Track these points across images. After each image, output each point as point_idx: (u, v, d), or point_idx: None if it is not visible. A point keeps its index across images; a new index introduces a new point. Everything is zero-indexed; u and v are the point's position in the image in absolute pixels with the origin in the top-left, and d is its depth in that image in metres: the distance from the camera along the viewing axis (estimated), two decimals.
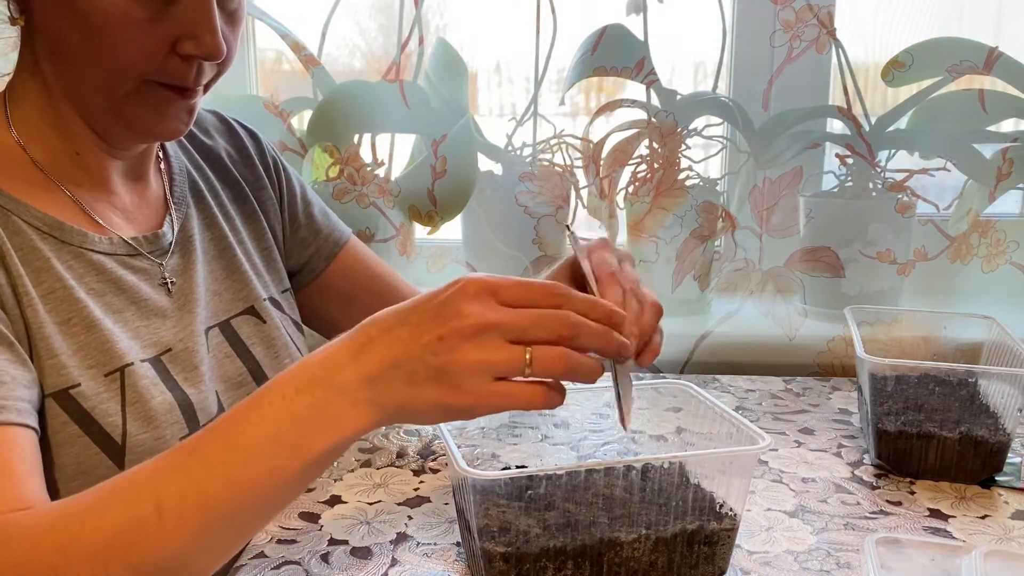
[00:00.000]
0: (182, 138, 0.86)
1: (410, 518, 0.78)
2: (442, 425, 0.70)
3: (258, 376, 0.81)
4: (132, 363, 0.70)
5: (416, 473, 0.88)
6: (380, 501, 0.81)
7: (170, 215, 0.80)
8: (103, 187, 0.76)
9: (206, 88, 0.73)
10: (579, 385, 0.58)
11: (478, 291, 0.53)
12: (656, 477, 0.68)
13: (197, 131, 0.89)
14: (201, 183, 0.86)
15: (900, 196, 1.19)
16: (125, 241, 0.75)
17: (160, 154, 0.83)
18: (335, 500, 0.81)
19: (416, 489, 0.84)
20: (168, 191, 0.82)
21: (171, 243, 0.79)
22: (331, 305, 0.97)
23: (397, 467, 0.89)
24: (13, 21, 0.70)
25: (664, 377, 1.21)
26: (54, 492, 0.65)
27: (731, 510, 0.68)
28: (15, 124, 0.71)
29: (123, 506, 0.53)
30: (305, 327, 0.94)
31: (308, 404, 0.53)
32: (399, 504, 0.81)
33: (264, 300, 0.86)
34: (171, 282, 0.77)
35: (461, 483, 0.66)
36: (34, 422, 0.62)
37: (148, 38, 0.66)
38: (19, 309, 0.65)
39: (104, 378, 0.68)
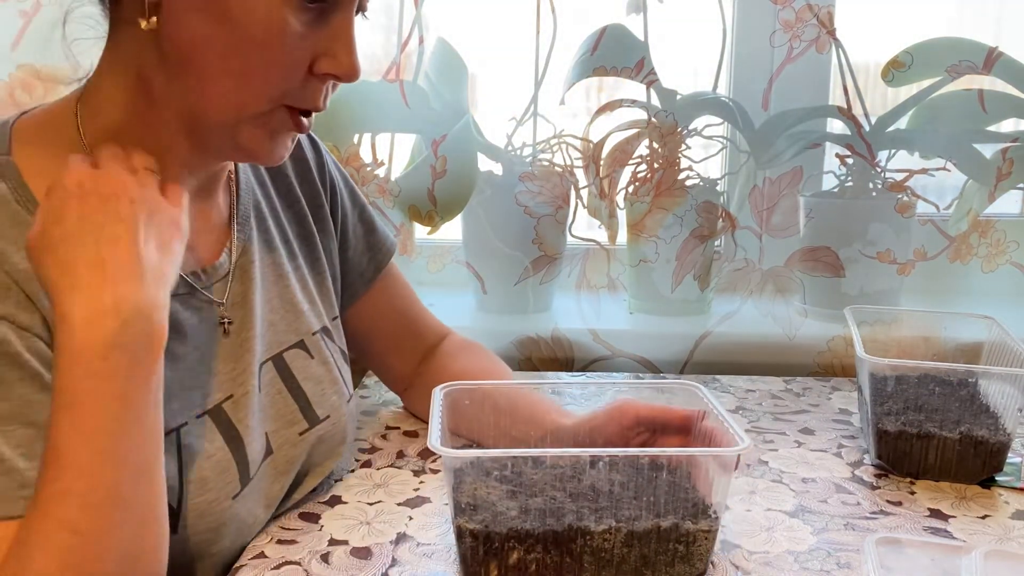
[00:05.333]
0: None
1: (410, 518, 0.78)
2: (434, 404, 0.73)
3: (308, 413, 0.78)
4: (187, 422, 0.67)
5: (416, 473, 0.87)
6: (380, 501, 0.81)
7: (231, 239, 0.76)
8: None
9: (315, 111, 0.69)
10: (580, 385, 0.58)
11: None
12: (631, 472, 0.68)
13: None
14: (263, 202, 0.82)
15: (900, 196, 1.19)
16: (185, 279, 0.70)
17: (230, 168, 0.79)
18: (335, 500, 0.81)
19: (416, 489, 0.84)
20: (234, 210, 0.77)
21: (229, 272, 0.75)
22: (358, 333, 0.94)
23: (397, 467, 0.89)
24: (142, 23, 0.61)
25: (665, 377, 1.21)
26: None
27: (712, 512, 0.68)
28: (87, 136, 0.66)
29: (45, 551, 0.55)
30: None
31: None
32: (399, 504, 0.81)
33: (315, 333, 0.82)
34: (228, 322, 0.73)
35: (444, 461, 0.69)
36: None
37: (296, 54, 0.63)
38: None
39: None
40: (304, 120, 0.67)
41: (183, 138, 0.67)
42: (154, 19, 0.62)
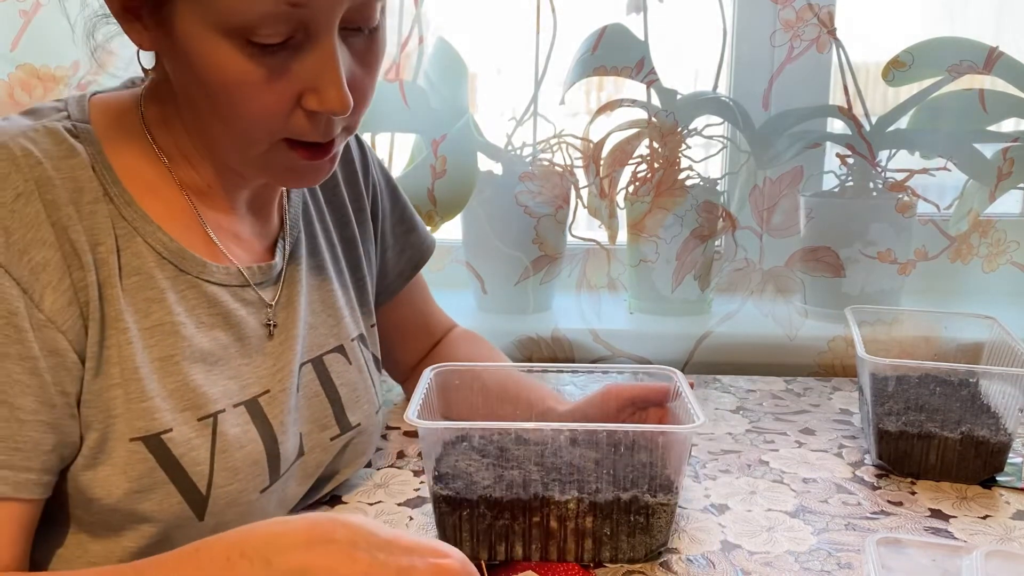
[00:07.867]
0: None
1: (411, 518, 0.78)
2: (421, 382, 0.77)
3: (341, 419, 0.79)
4: (224, 409, 0.67)
5: (416, 474, 0.87)
6: (381, 501, 0.81)
7: (282, 241, 0.77)
8: (231, 212, 0.73)
9: (349, 131, 0.68)
10: (578, 383, 0.59)
11: None
12: (593, 446, 0.71)
13: None
14: (311, 205, 0.82)
15: (900, 196, 1.19)
16: (240, 272, 0.71)
17: None
18: (335, 500, 0.81)
19: (416, 489, 0.84)
20: (284, 213, 0.79)
21: (280, 272, 0.75)
22: (378, 328, 0.92)
23: (397, 468, 0.89)
24: (145, 72, 0.68)
25: (649, 362, 1.21)
26: (141, 548, 0.64)
27: (671, 486, 0.70)
28: (151, 131, 0.69)
29: None
30: None
31: (245, 571, 0.53)
32: (399, 504, 0.81)
33: (353, 339, 0.82)
34: (273, 324, 0.73)
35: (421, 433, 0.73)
36: (33, 493, 0.59)
37: (269, 96, 0.61)
38: (109, 350, 0.62)
39: (197, 423, 0.65)
40: (308, 151, 0.66)
41: (213, 164, 0.70)
42: (152, 73, 0.68)
